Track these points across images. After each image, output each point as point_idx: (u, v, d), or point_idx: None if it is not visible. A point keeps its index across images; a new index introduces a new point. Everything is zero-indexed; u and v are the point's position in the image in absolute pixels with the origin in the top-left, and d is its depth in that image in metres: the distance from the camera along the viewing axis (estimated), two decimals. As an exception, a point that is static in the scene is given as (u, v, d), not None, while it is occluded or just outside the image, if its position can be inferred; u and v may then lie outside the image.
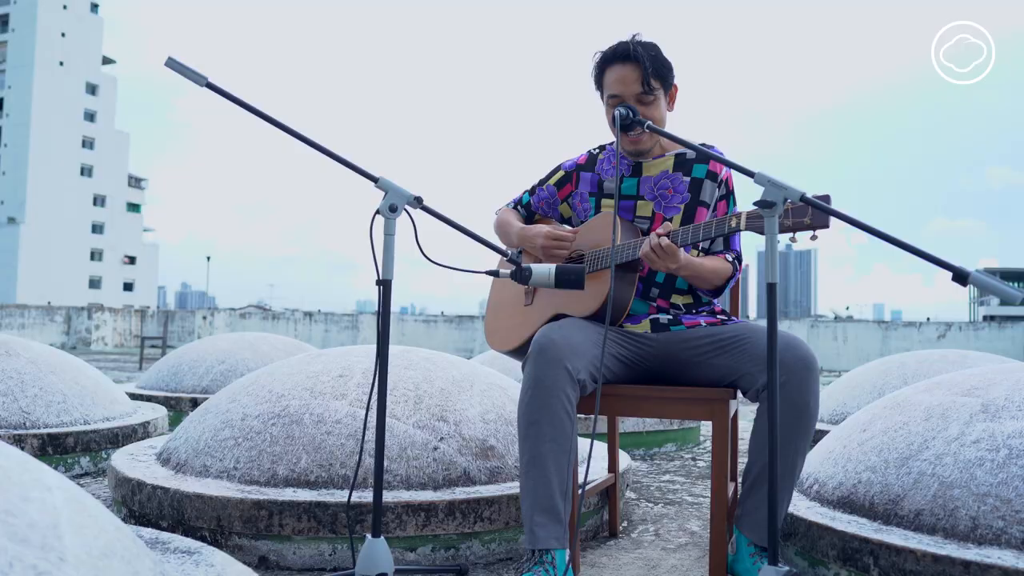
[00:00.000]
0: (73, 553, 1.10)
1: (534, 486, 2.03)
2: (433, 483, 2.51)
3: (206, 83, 1.83)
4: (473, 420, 2.71)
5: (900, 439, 2.31)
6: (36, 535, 1.06)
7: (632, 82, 2.28)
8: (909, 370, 4.55)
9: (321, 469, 2.50)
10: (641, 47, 2.30)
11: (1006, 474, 2.03)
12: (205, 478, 2.59)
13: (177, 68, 1.81)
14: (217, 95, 1.82)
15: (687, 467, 4.30)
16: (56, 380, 3.86)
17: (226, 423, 2.74)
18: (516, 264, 2.05)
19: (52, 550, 1.07)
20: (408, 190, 1.96)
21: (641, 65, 2.27)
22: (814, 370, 2.03)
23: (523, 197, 2.63)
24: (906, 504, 2.13)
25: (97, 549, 1.17)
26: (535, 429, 2.04)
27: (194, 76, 1.82)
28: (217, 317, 22.91)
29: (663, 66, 2.32)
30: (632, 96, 2.29)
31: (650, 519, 3.05)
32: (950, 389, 2.45)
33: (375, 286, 1.96)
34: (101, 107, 76.37)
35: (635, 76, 2.28)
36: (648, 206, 2.38)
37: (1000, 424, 2.17)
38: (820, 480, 2.45)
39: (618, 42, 2.34)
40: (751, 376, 2.10)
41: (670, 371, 2.29)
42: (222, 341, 5.98)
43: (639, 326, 2.31)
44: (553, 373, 2.05)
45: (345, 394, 2.72)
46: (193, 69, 1.81)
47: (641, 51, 2.29)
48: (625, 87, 2.29)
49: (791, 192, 1.75)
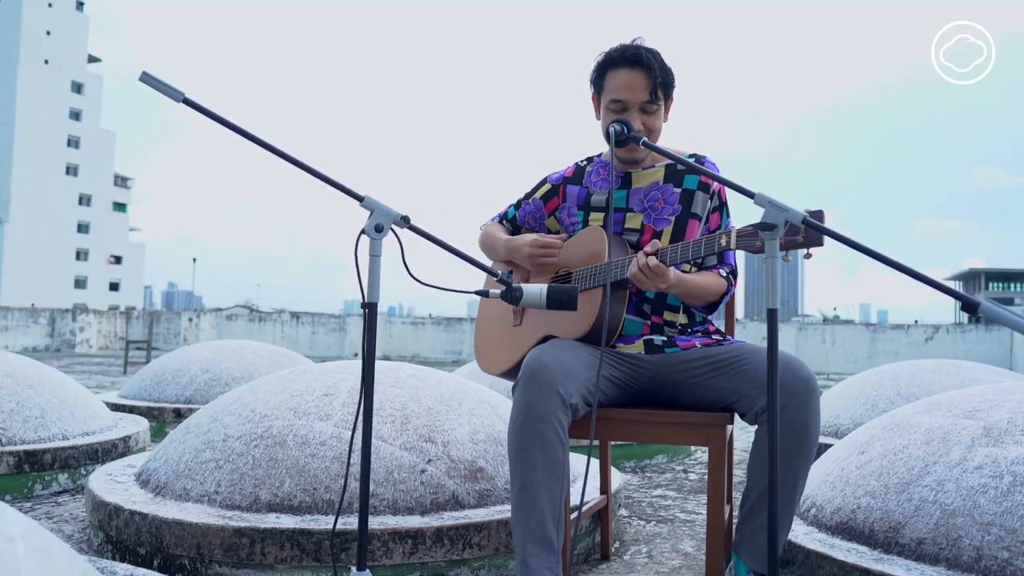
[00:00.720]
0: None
1: (526, 515, 1.95)
2: (421, 507, 2.43)
3: (183, 99, 1.75)
4: (462, 441, 2.64)
5: (900, 463, 2.26)
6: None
7: (640, 89, 2.19)
8: (902, 381, 4.50)
9: (305, 493, 2.42)
10: (650, 54, 2.22)
11: (1010, 502, 1.97)
12: (185, 502, 2.50)
13: (152, 83, 1.73)
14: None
15: (679, 480, 4.24)
16: (33, 394, 3.76)
17: (207, 444, 2.66)
18: (506, 284, 1.98)
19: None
20: (394, 209, 1.88)
21: (652, 73, 2.19)
22: (815, 392, 1.96)
23: (509, 211, 2.55)
24: (907, 532, 2.07)
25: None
26: (526, 456, 1.97)
27: (170, 92, 1.73)
28: (203, 319, 22.72)
29: (668, 75, 2.24)
30: (637, 103, 2.20)
31: (643, 539, 2.99)
32: (950, 410, 2.39)
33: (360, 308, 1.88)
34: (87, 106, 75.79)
35: (644, 83, 2.19)
36: (637, 218, 2.30)
37: (1003, 449, 2.11)
38: (818, 504, 2.39)
39: (625, 45, 2.24)
40: (749, 399, 2.03)
41: (664, 393, 2.22)
42: (206, 350, 5.88)
43: (632, 347, 2.24)
44: (545, 398, 1.97)
45: (330, 414, 2.64)
46: (169, 84, 1.73)
47: (651, 58, 2.20)
48: (632, 93, 2.20)
49: (793, 214, 1.68)
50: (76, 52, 74.42)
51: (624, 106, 2.21)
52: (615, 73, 2.23)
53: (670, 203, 2.28)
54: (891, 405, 4.31)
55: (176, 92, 1.74)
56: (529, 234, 2.43)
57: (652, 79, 2.19)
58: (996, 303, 1.47)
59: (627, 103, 2.20)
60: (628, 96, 2.20)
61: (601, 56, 2.27)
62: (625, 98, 2.20)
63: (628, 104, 2.21)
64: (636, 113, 2.21)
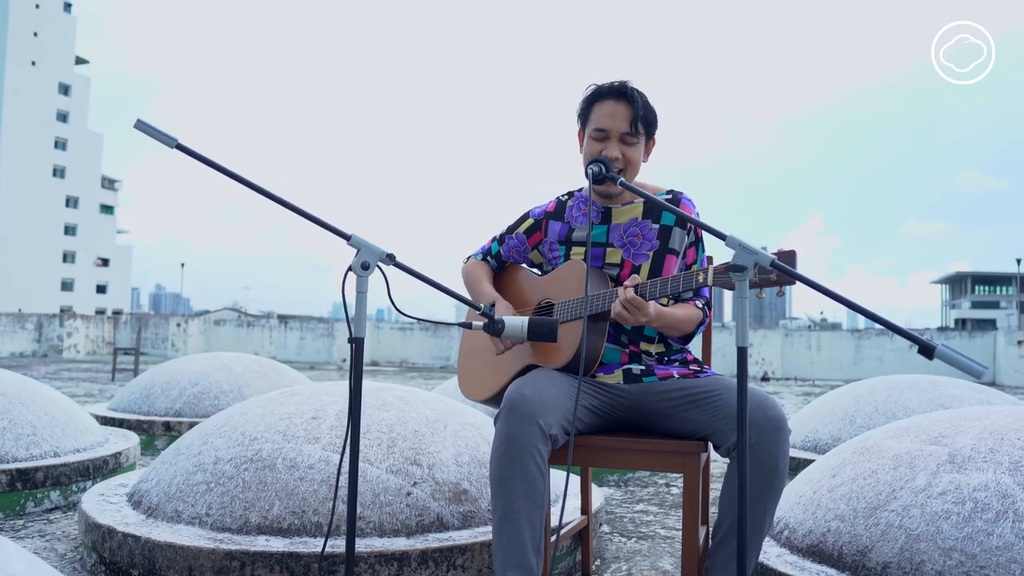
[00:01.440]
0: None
1: (506, 542, 2.03)
2: (406, 530, 2.51)
3: (176, 144, 1.82)
4: (447, 463, 2.71)
5: (869, 488, 2.34)
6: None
7: (622, 119, 2.30)
8: (880, 397, 4.60)
9: (294, 516, 2.49)
10: (636, 91, 2.33)
11: (971, 528, 2.06)
12: (177, 524, 2.57)
13: (146, 130, 1.80)
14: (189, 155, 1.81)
15: (661, 495, 4.32)
16: (25, 412, 3.81)
17: (198, 466, 2.72)
18: (488, 317, 2.06)
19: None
20: (380, 247, 1.95)
21: (634, 105, 2.31)
22: (784, 431, 2.04)
23: (492, 247, 2.62)
24: (874, 556, 2.15)
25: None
26: (507, 485, 2.04)
27: (163, 138, 1.80)
28: (191, 324, 22.69)
29: (652, 113, 2.35)
30: (618, 133, 2.30)
31: (623, 556, 3.07)
32: (918, 435, 2.48)
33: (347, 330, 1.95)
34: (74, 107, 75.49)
35: (626, 114, 2.31)
36: (617, 253, 2.39)
37: (966, 476, 2.20)
38: (791, 526, 2.48)
39: (613, 80, 2.36)
40: (723, 434, 2.11)
41: (642, 422, 2.30)
42: (195, 362, 5.93)
43: (612, 377, 2.32)
44: (525, 430, 2.05)
45: (318, 437, 2.71)
46: (162, 131, 1.80)
47: (635, 93, 2.32)
48: (614, 122, 2.30)
49: (761, 257, 1.76)
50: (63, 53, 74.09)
51: (606, 135, 2.31)
52: (601, 104, 2.34)
53: (648, 239, 2.37)
54: (869, 421, 4.41)
55: (169, 138, 1.81)
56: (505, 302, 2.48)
57: (634, 111, 2.30)
58: (950, 348, 1.55)
59: (609, 132, 2.31)
60: (610, 125, 2.30)
61: (590, 90, 2.37)
62: (608, 127, 2.31)
63: (610, 133, 2.31)
64: (616, 143, 2.31)
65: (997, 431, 2.35)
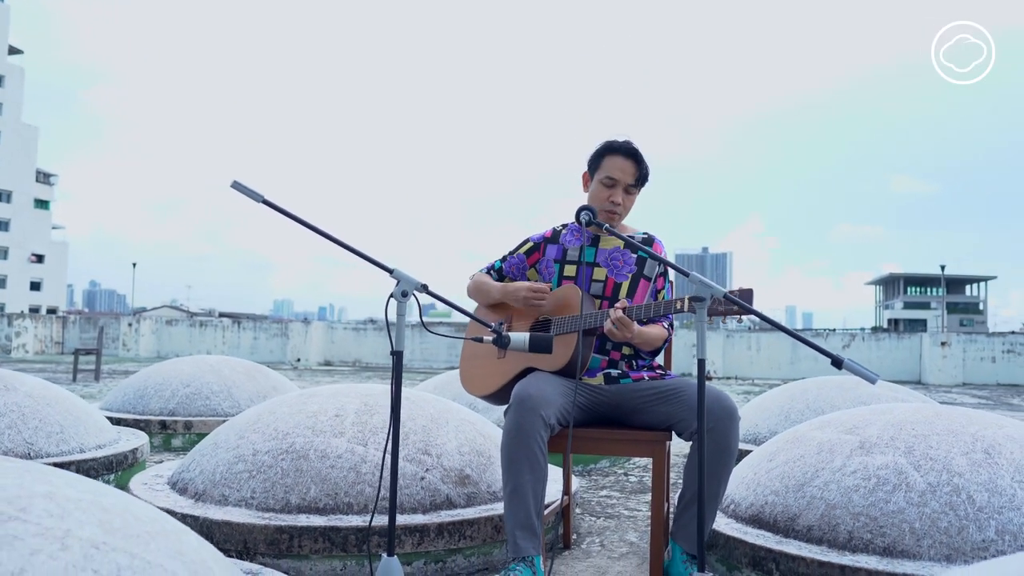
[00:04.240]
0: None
1: (516, 509, 2.56)
2: (422, 508, 3.01)
3: (262, 200, 2.30)
4: (452, 453, 3.23)
5: (797, 469, 2.93)
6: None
7: (629, 174, 2.92)
8: (811, 396, 5.25)
9: (328, 498, 2.98)
10: (639, 152, 2.93)
11: (874, 498, 2.66)
12: (225, 506, 3.03)
13: (240, 189, 2.27)
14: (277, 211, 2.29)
15: (621, 482, 4.89)
16: (52, 412, 4.20)
17: (239, 458, 3.19)
18: (497, 333, 2.58)
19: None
20: (416, 278, 2.46)
21: (640, 165, 2.93)
22: (735, 419, 2.62)
23: (496, 264, 3.17)
24: (801, 521, 2.74)
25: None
26: (516, 465, 2.57)
27: (253, 195, 2.28)
28: (143, 324, 22.67)
29: (647, 172, 2.97)
30: (624, 184, 2.91)
31: (595, 531, 3.62)
32: (836, 428, 3.08)
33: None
34: (7, 99, 73.55)
35: (633, 171, 2.92)
36: (603, 272, 2.96)
37: (872, 458, 2.80)
38: (736, 501, 3.05)
39: (624, 140, 2.95)
40: (685, 422, 2.68)
41: (619, 416, 2.87)
42: (185, 364, 6.32)
43: (595, 379, 2.87)
44: (531, 420, 2.59)
45: (343, 432, 3.20)
46: (252, 189, 2.28)
47: (641, 155, 2.93)
48: (623, 175, 2.91)
49: (716, 291, 2.32)
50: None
51: (615, 183, 2.91)
52: (613, 158, 2.94)
53: (628, 263, 2.95)
54: (801, 416, 5.05)
55: (257, 195, 2.29)
56: (524, 282, 3.03)
57: (639, 170, 2.92)
58: (853, 362, 2.13)
59: (618, 182, 2.91)
60: (620, 176, 2.90)
61: (603, 144, 2.96)
62: (618, 178, 2.90)
63: (618, 183, 2.91)
64: (620, 191, 2.91)
65: (898, 423, 2.96)
